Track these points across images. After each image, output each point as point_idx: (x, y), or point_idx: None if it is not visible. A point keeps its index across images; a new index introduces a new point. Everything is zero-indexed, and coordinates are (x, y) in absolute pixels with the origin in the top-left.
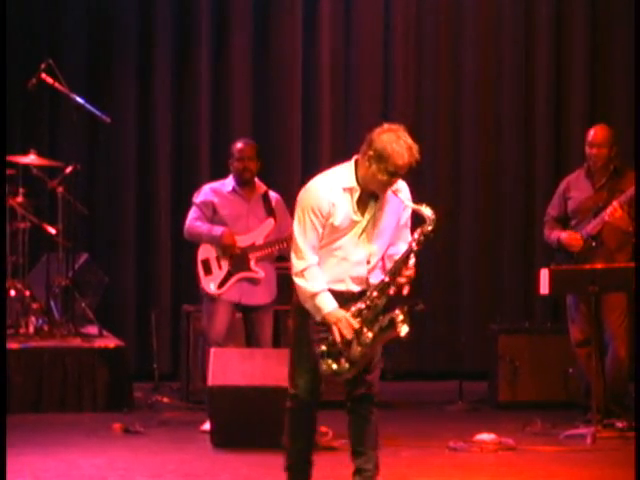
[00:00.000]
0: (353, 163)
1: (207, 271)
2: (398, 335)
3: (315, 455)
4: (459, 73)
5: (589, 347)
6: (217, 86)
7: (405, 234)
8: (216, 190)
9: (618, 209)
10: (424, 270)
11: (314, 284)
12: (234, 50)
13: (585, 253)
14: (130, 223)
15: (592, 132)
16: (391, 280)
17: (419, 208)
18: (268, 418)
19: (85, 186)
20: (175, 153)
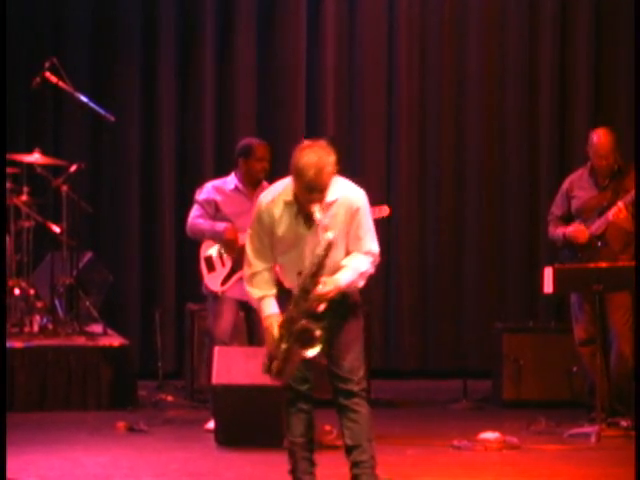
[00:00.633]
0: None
1: (210, 268)
2: (304, 355)
3: (319, 454)
4: (463, 73)
5: (593, 346)
6: (221, 86)
7: (358, 245)
8: (218, 188)
9: (623, 210)
10: (429, 269)
11: (257, 290)
12: (238, 50)
13: (589, 253)
14: (134, 222)
15: (595, 139)
16: (301, 294)
17: (324, 230)
18: (272, 417)
19: (89, 185)
20: (179, 152)
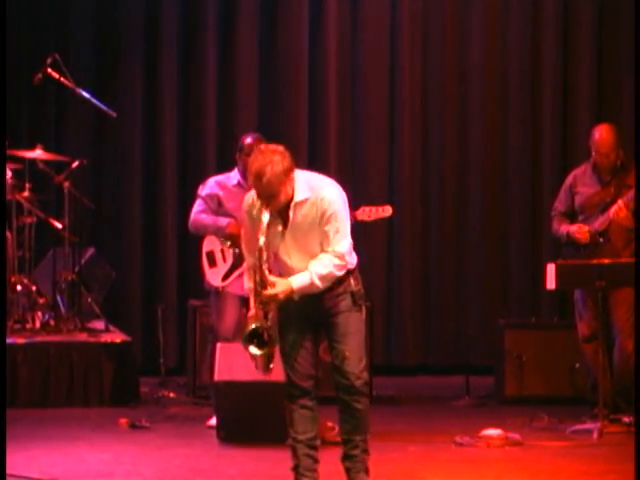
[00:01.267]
0: None
1: (212, 263)
2: (250, 352)
3: (321, 450)
4: (466, 72)
5: (596, 342)
6: (224, 84)
7: (326, 244)
8: (221, 183)
9: (623, 208)
10: (431, 266)
11: (250, 283)
12: (241, 47)
13: (592, 249)
14: (136, 218)
15: (597, 136)
16: (256, 295)
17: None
18: (274, 413)
19: (91, 181)
20: (182, 148)
